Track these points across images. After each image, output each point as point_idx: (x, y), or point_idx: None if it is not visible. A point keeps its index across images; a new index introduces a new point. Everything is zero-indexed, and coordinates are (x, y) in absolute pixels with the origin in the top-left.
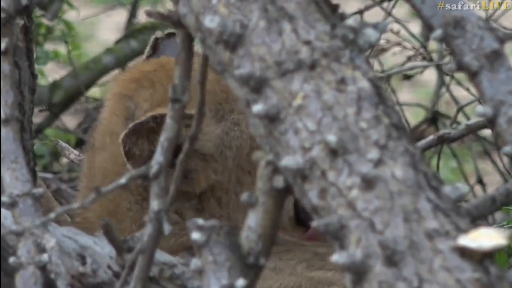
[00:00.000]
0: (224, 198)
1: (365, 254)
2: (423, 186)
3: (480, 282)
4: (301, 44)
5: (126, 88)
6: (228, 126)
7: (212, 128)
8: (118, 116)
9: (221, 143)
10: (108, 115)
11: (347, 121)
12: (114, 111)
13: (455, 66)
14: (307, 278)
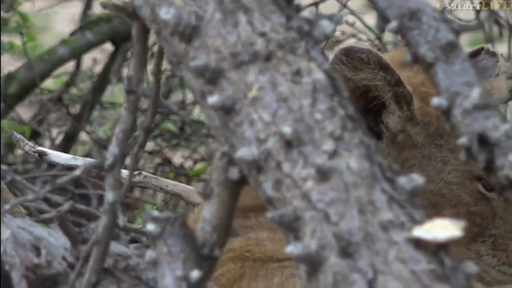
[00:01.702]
0: None
1: (320, 245)
2: (378, 178)
3: (435, 273)
4: (257, 35)
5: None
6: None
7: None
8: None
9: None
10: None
11: (302, 112)
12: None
13: (410, 58)
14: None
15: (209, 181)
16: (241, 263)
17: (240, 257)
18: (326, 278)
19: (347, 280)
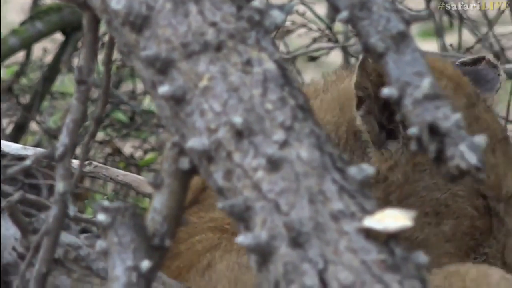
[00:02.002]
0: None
1: (270, 235)
2: (328, 168)
3: (385, 264)
4: (207, 25)
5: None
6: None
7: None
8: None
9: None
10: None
11: (253, 102)
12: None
13: (361, 48)
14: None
15: (160, 171)
16: (219, 234)
17: (220, 228)
18: (276, 268)
19: (298, 270)
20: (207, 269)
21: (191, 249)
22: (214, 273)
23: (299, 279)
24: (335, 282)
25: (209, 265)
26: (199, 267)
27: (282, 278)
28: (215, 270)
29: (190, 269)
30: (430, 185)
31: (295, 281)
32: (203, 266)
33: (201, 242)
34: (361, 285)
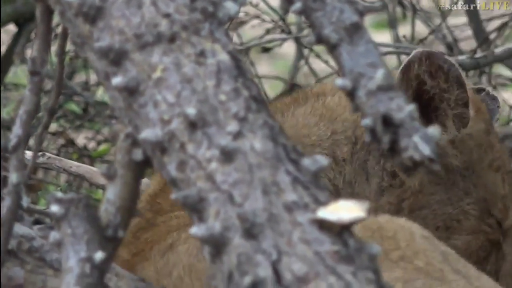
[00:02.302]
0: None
1: (224, 226)
2: (282, 159)
3: (339, 255)
4: (161, 17)
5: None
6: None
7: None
8: None
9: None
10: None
11: (206, 93)
12: None
13: (314, 39)
14: None
15: (113, 162)
16: None
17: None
18: (230, 259)
19: (251, 261)
20: (169, 249)
21: (165, 223)
22: (173, 255)
23: (253, 270)
24: (288, 273)
25: (172, 246)
26: (162, 246)
27: (236, 269)
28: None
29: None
30: (444, 199)
31: (249, 272)
32: (166, 245)
33: (178, 218)
34: (314, 276)
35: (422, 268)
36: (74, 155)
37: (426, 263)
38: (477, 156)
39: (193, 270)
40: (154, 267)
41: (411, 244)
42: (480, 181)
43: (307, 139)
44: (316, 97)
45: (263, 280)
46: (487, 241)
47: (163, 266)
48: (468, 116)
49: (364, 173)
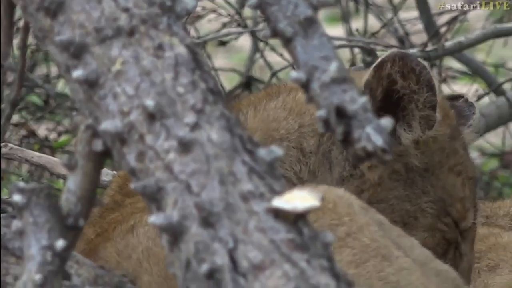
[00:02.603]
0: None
1: (182, 215)
2: (238, 149)
3: (294, 243)
4: (120, 11)
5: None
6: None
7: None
8: None
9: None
10: None
11: (164, 86)
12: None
13: (269, 33)
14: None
15: (74, 153)
16: None
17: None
18: (188, 247)
19: (208, 249)
20: (130, 231)
21: (132, 205)
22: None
23: (210, 258)
24: (244, 261)
25: (133, 227)
26: (124, 228)
27: (193, 257)
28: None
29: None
30: (402, 196)
31: (206, 260)
32: (128, 226)
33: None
34: (270, 264)
35: (369, 245)
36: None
37: (371, 239)
38: (438, 159)
39: (151, 255)
40: (115, 249)
41: (354, 218)
42: (439, 183)
43: (275, 133)
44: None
45: (220, 267)
46: (443, 239)
47: (123, 249)
48: (434, 119)
49: (327, 163)
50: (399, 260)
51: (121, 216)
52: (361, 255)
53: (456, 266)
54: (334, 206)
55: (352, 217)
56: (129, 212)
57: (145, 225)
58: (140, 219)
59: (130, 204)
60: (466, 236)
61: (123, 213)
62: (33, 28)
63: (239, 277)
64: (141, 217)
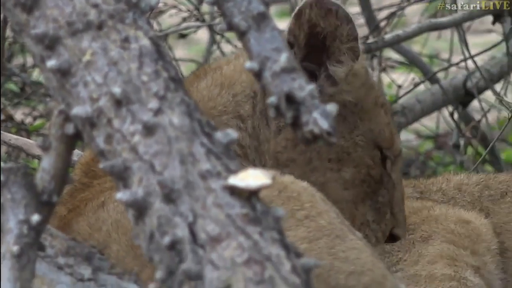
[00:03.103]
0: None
1: (146, 192)
2: (197, 132)
3: (248, 217)
4: (90, 7)
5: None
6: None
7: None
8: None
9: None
10: None
11: (130, 75)
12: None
13: (225, 27)
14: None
15: (48, 135)
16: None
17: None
18: (151, 221)
19: (170, 223)
20: (100, 206)
21: (100, 185)
22: (103, 212)
23: (172, 231)
24: (203, 233)
25: (103, 203)
26: (95, 203)
27: (156, 230)
28: (105, 209)
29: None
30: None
31: (168, 233)
32: (99, 202)
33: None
34: (226, 236)
35: (325, 226)
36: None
37: (329, 223)
38: (363, 93)
39: (119, 226)
40: (87, 222)
41: (314, 205)
42: (367, 116)
43: (214, 110)
44: (214, 70)
45: (181, 239)
46: (368, 176)
47: (94, 222)
48: (358, 50)
49: (264, 119)
50: (352, 241)
51: (91, 195)
52: (315, 233)
53: (392, 197)
54: (298, 195)
55: (313, 204)
56: (98, 191)
57: (114, 201)
58: (109, 196)
59: (98, 184)
60: (396, 162)
61: (92, 192)
62: (10, 22)
63: (198, 248)
64: (110, 194)
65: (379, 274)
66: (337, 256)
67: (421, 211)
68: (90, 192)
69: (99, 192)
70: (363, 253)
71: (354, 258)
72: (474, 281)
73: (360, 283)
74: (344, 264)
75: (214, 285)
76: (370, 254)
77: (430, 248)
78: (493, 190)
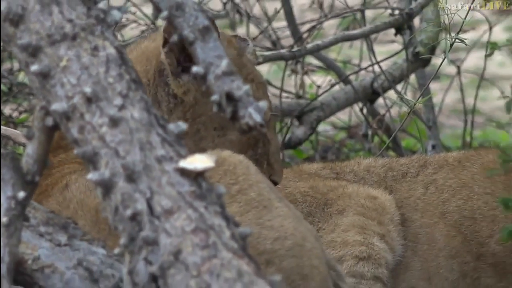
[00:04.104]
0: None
1: (112, 173)
2: (154, 124)
3: (195, 194)
4: (66, 21)
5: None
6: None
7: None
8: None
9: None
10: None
11: (99, 77)
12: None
13: (177, 37)
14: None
15: (31, 127)
16: (82, 166)
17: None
18: (116, 197)
19: (132, 198)
20: (65, 188)
21: (60, 172)
22: (68, 192)
23: (133, 205)
24: (158, 207)
25: (67, 185)
26: (60, 186)
27: (120, 204)
28: (70, 190)
29: (55, 186)
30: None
31: (130, 207)
32: (63, 185)
33: (69, 168)
34: (177, 209)
35: (254, 199)
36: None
37: (258, 194)
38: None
39: (84, 205)
40: (56, 201)
41: (247, 177)
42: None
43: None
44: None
45: (140, 212)
46: (243, 143)
47: (62, 201)
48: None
49: (156, 102)
50: (277, 209)
51: (54, 180)
52: (245, 207)
53: (267, 150)
54: (234, 168)
55: (246, 176)
56: (59, 176)
57: (75, 182)
58: (70, 179)
59: (58, 172)
60: (269, 124)
61: (55, 178)
62: (1, 34)
63: (154, 219)
64: (70, 177)
65: (300, 237)
66: (263, 226)
67: (337, 189)
68: (53, 178)
69: (61, 177)
70: (286, 219)
71: (278, 225)
72: (379, 246)
73: (284, 246)
74: (270, 231)
75: (168, 249)
76: (293, 219)
77: (344, 219)
78: (395, 171)
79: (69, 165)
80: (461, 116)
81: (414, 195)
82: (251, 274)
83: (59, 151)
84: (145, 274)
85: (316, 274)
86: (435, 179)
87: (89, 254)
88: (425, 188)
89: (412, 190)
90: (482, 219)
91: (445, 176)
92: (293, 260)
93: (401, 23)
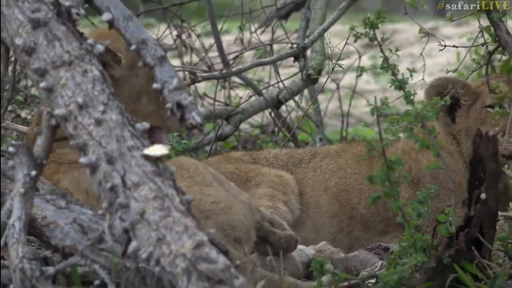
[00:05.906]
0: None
1: (97, 158)
2: (126, 124)
3: (155, 172)
4: (64, 52)
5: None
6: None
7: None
8: None
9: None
10: None
11: (88, 91)
12: None
13: (142, 63)
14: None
15: (40, 126)
16: (57, 166)
17: (57, 161)
18: (100, 174)
19: (111, 176)
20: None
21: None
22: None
23: (111, 180)
24: (129, 181)
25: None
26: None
27: (103, 179)
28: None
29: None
30: (135, 83)
31: (109, 181)
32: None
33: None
34: (142, 183)
35: (198, 180)
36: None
37: (202, 178)
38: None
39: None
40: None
41: (195, 170)
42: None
43: None
44: None
45: (117, 185)
46: (140, 92)
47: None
48: (120, 59)
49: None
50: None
51: (46, 175)
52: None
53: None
54: (188, 167)
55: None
56: (50, 173)
57: (65, 175)
58: (58, 178)
59: (48, 169)
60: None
61: (48, 174)
62: (19, 61)
63: (126, 190)
64: (58, 176)
65: (229, 201)
66: (204, 194)
67: (254, 170)
68: (45, 175)
69: (51, 174)
70: (219, 192)
71: (214, 195)
72: (283, 209)
73: (218, 207)
74: (208, 197)
75: (136, 211)
76: (225, 193)
77: (259, 190)
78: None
79: (52, 162)
80: (340, 118)
81: (307, 176)
82: (194, 228)
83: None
84: (120, 228)
85: (242, 225)
86: (321, 165)
87: (81, 214)
88: (314, 171)
89: (306, 173)
90: (352, 191)
91: (328, 162)
92: (225, 216)
93: (298, 53)
